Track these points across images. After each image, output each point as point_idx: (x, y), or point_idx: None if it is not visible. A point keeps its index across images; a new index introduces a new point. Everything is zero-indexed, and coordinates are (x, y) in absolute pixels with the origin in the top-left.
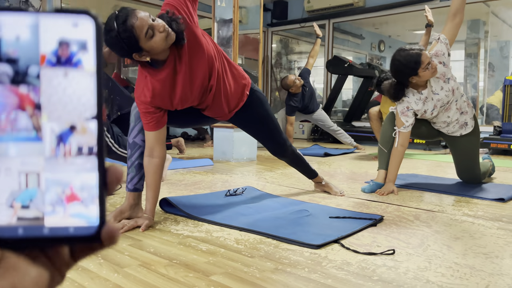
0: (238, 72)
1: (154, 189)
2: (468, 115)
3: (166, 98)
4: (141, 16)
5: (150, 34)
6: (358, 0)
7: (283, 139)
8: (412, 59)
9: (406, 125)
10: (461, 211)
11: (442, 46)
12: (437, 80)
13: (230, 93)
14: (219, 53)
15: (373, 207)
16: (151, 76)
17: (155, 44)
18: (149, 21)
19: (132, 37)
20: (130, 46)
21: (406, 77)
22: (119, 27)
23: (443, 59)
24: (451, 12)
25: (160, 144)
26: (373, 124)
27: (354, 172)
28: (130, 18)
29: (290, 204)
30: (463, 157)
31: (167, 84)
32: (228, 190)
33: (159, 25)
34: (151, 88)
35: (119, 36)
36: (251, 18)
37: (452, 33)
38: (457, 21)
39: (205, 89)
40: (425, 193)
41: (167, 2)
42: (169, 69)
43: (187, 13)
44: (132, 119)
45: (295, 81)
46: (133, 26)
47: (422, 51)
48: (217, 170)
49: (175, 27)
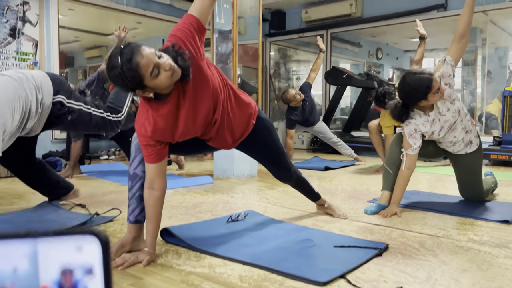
0: (244, 101)
1: (154, 222)
2: (472, 134)
3: (168, 133)
4: (146, 54)
5: (156, 73)
6: (355, 10)
7: (288, 165)
8: (423, 84)
9: (414, 147)
10: (466, 236)
11: (448, 67)
12: (443, 101)
13: (235, 124)
14: (224, 84)
15: (377, 232)
16: (153, 110)
17: (160, 82)
18: (154, 60)
19: (136, 76)
20: (135, 84)
21: (415, 101)
22: (123, 65)
23: (448, 81)
24: (457, 34)
25: (161, 177)
26: (373, 137)
27: (355, 189)
28: (135, 57)
29: (294, 231)
30: (466, 175)
31: (169, 119)
32: (230, 216)
33: (165, 63)
34: (152, 122)
35: (123, 74)
36: (249, 29)
37: (458, 55)
38: (463, 43)
39: (209, 122)
40: (428, 214)
41: (173, 33)
42: (172, 103)
43: (193, 46)
44: (133, 149)
45: (295, 96)
46: (138, 65)
47: (432, 76)
48: (217, 189)
49: (180, 63)
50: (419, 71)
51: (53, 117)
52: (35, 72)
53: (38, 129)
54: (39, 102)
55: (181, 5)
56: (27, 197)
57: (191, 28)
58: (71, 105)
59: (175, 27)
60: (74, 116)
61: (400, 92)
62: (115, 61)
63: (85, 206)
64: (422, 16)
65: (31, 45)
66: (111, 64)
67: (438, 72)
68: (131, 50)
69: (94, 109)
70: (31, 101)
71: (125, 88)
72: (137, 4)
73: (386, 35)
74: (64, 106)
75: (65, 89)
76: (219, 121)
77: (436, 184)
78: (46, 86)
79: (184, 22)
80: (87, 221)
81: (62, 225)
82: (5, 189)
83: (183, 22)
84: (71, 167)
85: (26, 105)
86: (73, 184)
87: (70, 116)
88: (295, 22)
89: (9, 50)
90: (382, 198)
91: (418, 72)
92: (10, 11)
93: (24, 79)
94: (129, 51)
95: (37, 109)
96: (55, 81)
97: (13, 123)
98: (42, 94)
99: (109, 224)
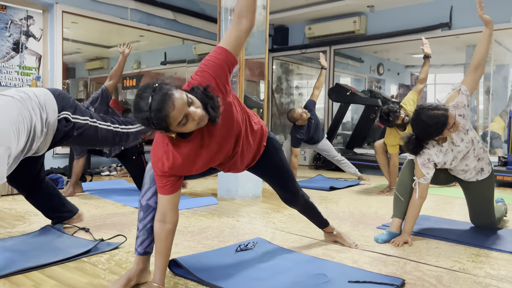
0: (256, 126)
1: (165, 257)
2: (484, 161)
3: (186, 169)
4: (178, 104)
5: (184, 122)
6: (359, 27)
7: (296, 189)
8: (438, 122)
9: (427, 177)
10: (483, 270)
11: (463, 97)
12: (457, 132)
13: (249, 152)
14: (243, 114)
15: (390, 264)
16: (174, 146)
17: (186, 129)
18: (185, 110)
19: (164, 124)
20: (160, 129)
21: (431, 138)
22: (152, 112)
23: (463, 111)
24: (473, 64)
25: (174, 209)
26: (379, 158)
27: (363, 213)
28: (166, 106)
29: (305, 263)
30: (478, 202)
31: (190, 157)
32: (239, 245)
33: (195, 114)
34: (171, 159)
35: (151, 120)
36: (253, 43)
37: (473, 85)
38: (479, 74)
39: (229, 156)
40: (441, 244)
41: (205, 69)
42: (195, 143)
43: (224, 83)
44: (147, 180)
45: (301, 114)
46: (168, 115)
47: (447, 112)
48: (222, 211)
49: (210, 109)
50: (433, 106)
51: (59, 134)
52: (37, 90)
53: (45, 148)
54: (44, 121)
55: (185, 20)
56: (29, 218)
57: (223, 64)
58: (77, 121)
59: (208, 60)
60: (80, 131)
61: (415, 128)
62: (143, 105)
63: (88, 230)
64: (426, 34)
65: (34, 60)
66: (139, 106)
67: (453, 102)
68: (162, 98)
69: (100, 122)
70: (35, 121)
71: (149, 128)
72: (141, 19)
73: (389, 51)
74: (70, 122)
75: (70, 104)
76: (238, 154)
77: (445, 208)
78: (50, 104)
79: (217, 58)
80: (92, 248)
81: (67, 253)
82: (5, 208)
83: (215, 57)
84: (72, 185)
85: (30, 126)
86: (77, 207)
87: (76, 131)
88: (298, 38)
89: (12, 65)
90: (393, 225)
91: (432, 107)
92: (13, 25)
93: (27, 99)
94: (160, 98)
95: (42, 129)
96: (58, 96)
97: (18, 146)
98: (47, 112)
99: (115, 252)
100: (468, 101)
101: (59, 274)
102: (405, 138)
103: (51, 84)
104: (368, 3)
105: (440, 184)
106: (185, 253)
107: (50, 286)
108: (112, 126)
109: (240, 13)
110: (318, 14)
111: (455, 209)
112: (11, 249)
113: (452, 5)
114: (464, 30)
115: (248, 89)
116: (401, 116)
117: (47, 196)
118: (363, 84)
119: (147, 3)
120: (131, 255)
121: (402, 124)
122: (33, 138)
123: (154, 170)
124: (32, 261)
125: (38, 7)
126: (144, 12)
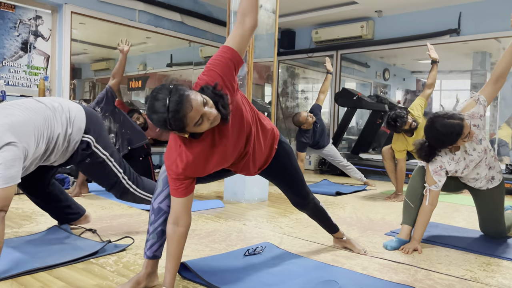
0: (267, 128)
1: (176, 260)
2: (495, 169)
3: (199, 170)
4: (196, 105)
5: (199, 123)
6: (367, 32)
7: (306, 192)
8: (453, 131)
9: (438, 184)
10: (494, 279)
11: (480, 108)
12: (470, 142)
13: (260, 153)
14: (253, 114)
15: (401, 272)
16: (186, 147)
17: (200, 129)
18: (201, 110)
19: (181, 125)
20: (176, 130)
21: (444, 146)
22: (170, 113)
23: (477, 122)
24: (495, 76)
25: (187, 212)
26: (386, 163)
27: (371, 219)
28: (184, 108)
29: (314, 269)
30: (488, 210)
31: (203, 157)
32: (247, 250)
33: (211, 114)
34: (185, 160)
35: (168, 121)
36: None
37: (491, 96)
38: (499, 86)
39: (240, 155)
40: (451, 252)
41: (212, 68)
42: (207, 142)
43: (231, 81)
44: (160, 183)
45: (307, 118)
46: (186, 116)
47: (463, 121)
48: (229, 214)
49: (221, 107)
50: (449, 115)
51: (77, 156)
52: (73, 105)
53: (61, 161)
54: (67, 136)
55: (192, 23)
56: (35, 218)
57: (229, 63)
58: (97, 151)
59: (214, 60)
60: (92, 161)
61: (428, 136)
62: (160, 107)
63: (95, 231)
64: (434, 40)
65: (42, 60)
66: (155, 108)
67: (469, 112)
68: (180, 99)
69: (115, 164)
70: (59, 133)
71: (165, 130)
72: (149, 21)
73: (395, 57)
74: (90, 149)
75: (97, 130)
76: (249, 153)
77: (453, 215)
78: (79, 122)
79: (223, 56)
80: (100, 249)
81: (75, 254)
82: (12, 208)
83: (221, 56)
84: (78, 185)
85: (54, 135)
86: (84, 208)
87: (89, 159)
88: (305, 42)
89: (20, 64)
90: (402, 232)
91: (448, 116)
92: (22, 25)
93: (59, 110)
94: (178, 100)
95: (63, 142)
96: (89, 117)
97: (36, 150)
98: (73, 128)
99: (122, 254)
100: (485, 112)
101: (67, 275)
102: (418, 145)
103: (58, 85)
104: (376, 8)
105: (450, 191)
106: (193, 256)
107: (58, 287)
108: (121, 174)
109: (244, 12)
110: (325, 18)
111: (463, 216)
112: (18, 250)
113: (461, 11)
114: (473, 37)
115: (254, 92)
116: (409, 122)
117: (54, 198)
118: (369, 89)
119: (156, 5)
120: (139, 257)
121: (410, 129)
122: (53, 148)
123: (168, 174)
124: (39, 262)
125: (47, 7)
126: (152, 14)
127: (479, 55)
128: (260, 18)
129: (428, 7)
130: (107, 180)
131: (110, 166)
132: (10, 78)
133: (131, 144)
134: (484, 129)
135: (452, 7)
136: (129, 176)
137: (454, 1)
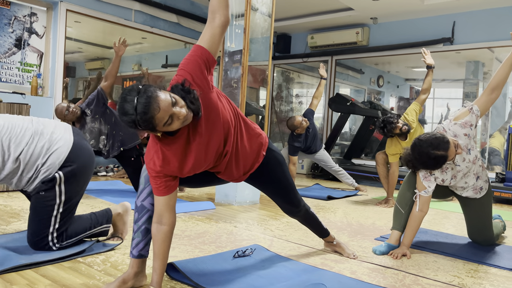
0: (254, 132)
1: (162, 259)
2: (482, 179)
3: (177, 168)
4: (163, 106)
5: (169, 123)
6: (362, 39)
7: (297, 200)
8: (438, 162)
9: (428, 190)
10: (482, 286)
11: (472, 117)
12: None
13: (246, 156)
14: (235, 115)
15: (389, 277)
16: (162, 144)
17: (171, 129)
18: (170, 110)
19: (150, 125)
20: (146, 129)
21: (432, 169)
22: (138, 115)
23: (469, 131)
24: (490, 87)
25: (170, 210)
26: (379, 169)
27: (361, 224)
28: (151, 109)
29: (303, 272)
30: (476, 218)
31: (179, 154)
32: (236, 252)
33: (180, 113)
34: (161, 156)
35: (137, 122)
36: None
37: (486, 107)
38: (494, 97)
39: (220, 154)
40: (439, 258)
41: (182, 68)
42: (182, 139)
43: (201, 79)
44: (142, 181)
45: (302, 122)
46: (153, 117)
47: (447, 151)
48: (220, 216)
49: (190, 105)
50: (434, 145)
51: (33, 181)
52: (64, 136)
53: (20, 187)
54: (37, 167)
55: (188, 24)
56: (24, 216)
57: (199, 61)
58: (56, 191)
59: (184, 59)
60: (41, 199)
61: (414, 158)
62: (129, 108)
63: None
64: (428, 48)
65: (35, 57)
66: (124, 109)
67: (462, 120)
68: (147, 101)
69: (57, 215)
70: (29, 160)
71: (135, 129)
72: (145, 21)
73: (389, 64)
74: (49, 184)
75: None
76: (230, 153)
77: (442, 222)
78: (57, 157)
79: (192, 55)
80: (87, 248)
81: (62, 252)
82: (0, 205)
83: (192, 54)
84: None
85: (24, 158)
86: None
87: (43, 192)
88: (300, 47)
89: (13, 61)
90: (392, 238)
91: (433, 145)
92: (17, 21)
93: (41, 135)
94: (145, 102)
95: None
96: (76, 152)
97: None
98: (46, 163)
99: (110, 253)
100: (477, 122)
101: (53, 274)
102: (407, 157)
103: (51, 82)
104: (371, 15)
105: (438, 198)
106: (182, 257)
107: (45, 285)
108: (54, 227)
109: (213, 9)
110: (321, 24)
111: (452, 223)
112: (5, 247)
113: (454, 21)
114: (466, 46)
115: (248, 95)
116: (399, 126)
117: None
118: (363, 95)
119: (152, 6)
120: (127, 257)
121: (402, 133)
122: (22, 172)
123: (148, 172)
124: (25, 259)
125: (42, 4)
126: (148, 14)
127: (472, 64)
128: (255, 21)
129: (423, 15)
130: (36, 225)
131: (53, 213)
132: (2, 74)
133: (123, 145)
134: (475, 138)
135: (446, 16)
136: (59, 234)
137: (448, 10)
